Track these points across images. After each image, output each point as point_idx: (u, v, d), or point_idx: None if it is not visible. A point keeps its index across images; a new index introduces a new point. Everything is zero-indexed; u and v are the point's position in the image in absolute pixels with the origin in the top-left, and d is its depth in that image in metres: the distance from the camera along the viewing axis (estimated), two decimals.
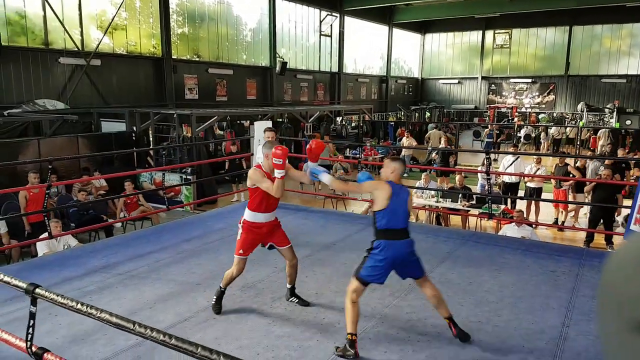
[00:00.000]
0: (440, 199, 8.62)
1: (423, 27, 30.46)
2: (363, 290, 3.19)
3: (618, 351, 0.48)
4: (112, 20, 13.54)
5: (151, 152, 11.55)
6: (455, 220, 8.66)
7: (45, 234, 5.26)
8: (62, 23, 12.34)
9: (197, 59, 17.01)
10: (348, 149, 16.80)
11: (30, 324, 2.08)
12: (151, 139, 12.12)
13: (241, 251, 3.70)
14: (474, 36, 29.30)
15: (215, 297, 3.76)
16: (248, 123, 16.46)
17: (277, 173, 3.56)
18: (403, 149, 15.46)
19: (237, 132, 15.40)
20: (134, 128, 11.80)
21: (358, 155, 16.06)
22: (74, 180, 8.28)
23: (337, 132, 18.90)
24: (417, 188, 8.78)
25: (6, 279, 2.16)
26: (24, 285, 2.04)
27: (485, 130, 20.04)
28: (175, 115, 11.50)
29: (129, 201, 8.45)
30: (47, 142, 9.56)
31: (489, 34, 28.82)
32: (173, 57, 15.45)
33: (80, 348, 3.22)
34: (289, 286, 3.97)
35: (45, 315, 3.52)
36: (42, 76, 12.02)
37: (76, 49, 12.70)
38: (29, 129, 9.98)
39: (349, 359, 3.04)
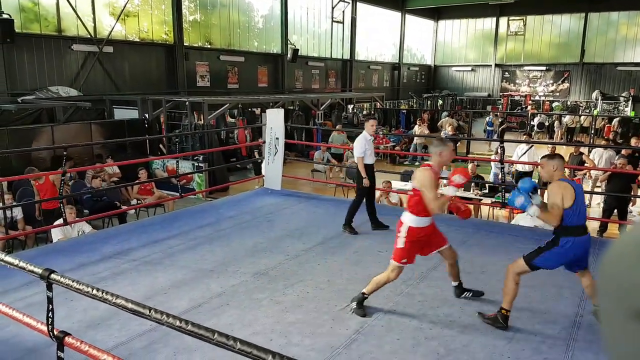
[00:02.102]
0: None
1: (436, 14, 30.04)
2: (527, 273, 3.32)
3: (619, 340, 0.48)
4: (125, 7, 13.54)
5: (164, 139, 11.61)
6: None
7: (60, 220, 5.33)
8: (74, 10, 12.37)
9: (209, 46, 16.98)
10: None
11: (50, 309, 2.11)
12: (163, 126, 12.17)
13: (404, 260, 3.41)
14: (488, 23, 28.82)
15: (356, 302, 3.55)
16: (259, 111, 16.46)
17: (451, 190, 3.33)
18: (415, 137, 15.34)
19: (249, 120, 15.40)
20: (146, 115, 11.86)
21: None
22: (88, 167, 8.36)
23: (348, 120, 18.80)
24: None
25: (22, 264, 2.19)
26: (40, 271, 2.07)
27: (487, 118, 19.81)
28: (187, 103, 11.52)
29: (142, 188, 8.52)
30: (60, 128, 9.66)
31: (503, 20, 28.33)
32: (185, 44, 15.44)
33: (96, 332, 3.27)
34: (455, 284, 3.77)
35: (61, 300, 3.57)
36: (55, 63, 12.10)
37: (89, 36, 12.75)
38: (42, 116, 10.08)
39: (497, 327, 3.23)
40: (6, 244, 6.21)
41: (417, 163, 15.01)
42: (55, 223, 5.50)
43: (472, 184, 8.36)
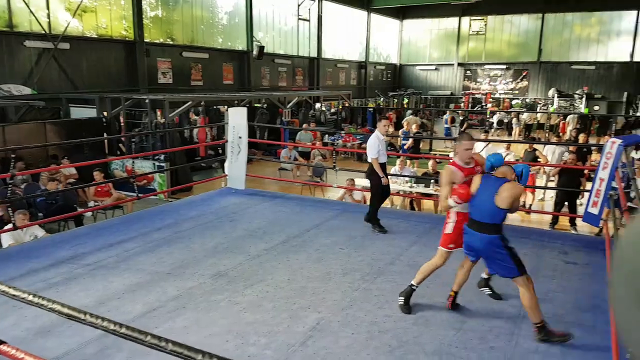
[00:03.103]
0: (414, 184, 8.73)
1: (401, 13, 30.45)
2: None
3: (631, 321, 0.49)
4: (81, 2, 13.11)
5: (123, 139, 11.31)
6: (428, 204, 8.78)
7: (10, 225, 5.12)
8: (27, 4, 11.88)
9: (171, 43, 16.66)
10: (327, 136, 16.78)
11: None
12: (122, 125, 11.86)
13: (452, 245, 3.53)
14: (451, 22, 29.46)
15: (404, 296, 3.59)
16: (225, 108, 16.27)
17: (452, 202, 3.39)
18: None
19: (214, 118, 15.20)
20: (105, 114, 11.52)
21: (335, 142, 16.09)
22: (41, 169, 8.06)
23: (316, 118, 18.83)
24: (392, 175, 8.85)
25: None
26: None
27: (443, 117, 20.27)
28: (147, 101, 11.27)
29: (99, 189, 8.29)
30: (12, 129, 9.27)
31: (465, 20, 29.02)
32: (146, 40, 15.09)
33: (46, 340, 3.18)
34: (486, 276, 3.86)
35: (9, 308, 3.46)
36: (7, 60, 11.59)
37: (43, 32, 12.27)
38: None
39: (557, 340, 3.13)
40: None
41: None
42: (5, 228, 5.28)
43: (432, 180, 8.54)
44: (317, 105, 20.59)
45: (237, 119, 7.47)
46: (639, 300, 0.47)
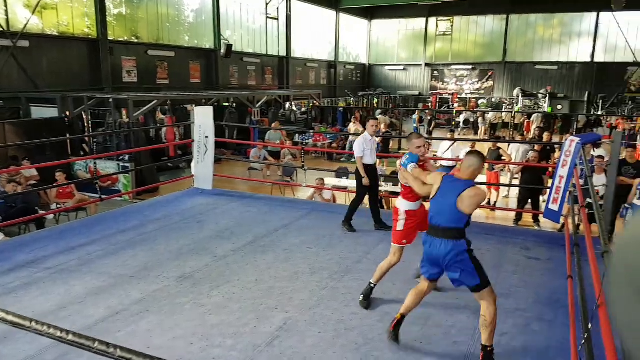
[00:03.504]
0: (382, 183, 8.81)
1: (369, 13, 30.70)
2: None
3: (629, 317, 0.49)
4: None
5: (86, 139, 11.00)
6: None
7: None
8: None
9: (136, 41, 16.29)
10: (297, 135, 16.76)
11: None
12: (86, 124, 11.53)
13: (404, 241, 3.66)
14: (418, 23, 29.90)
15: (363, 294, 3.66)
16: (192, 107, 16.02)
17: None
18: (350, 135, 15.60)
19: (181, 117, 14.94)
20: (67, 113, 11.17)
21: (306, 141, 16.09)
22: (0, 171, 7.76)
23: (286, 117, 18.78)
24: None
25: None
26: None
27: (412, 116, 20.62)
28: (110, 100, 10.99)
29: (61, 191, 8.03)
30: None
31: (432, 21, 29.51)
32: (109, 38, 14.70)
33: (4, 347, 3.06)
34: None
35: None
36: None
37: (0, 29, 11.79)
38: None
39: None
40: None
41: (352, 160, 15.29)
42: None
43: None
44: (287, 105, 20.54)
45: (203, 118, 7.37)
46: (637, 296, 0.48)
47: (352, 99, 27.81)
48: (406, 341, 3.16)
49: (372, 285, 3.70)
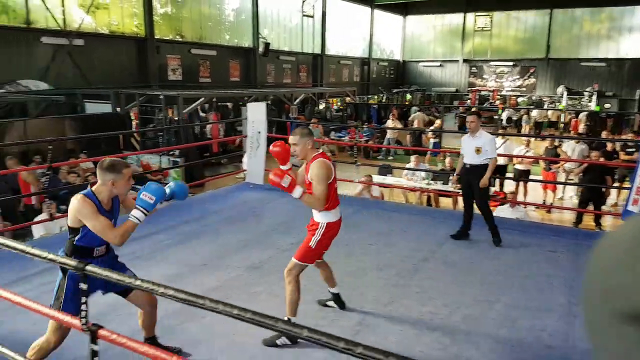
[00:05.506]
0: (431, 181, 8.74)
1: (404, 9, 30.36)
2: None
3: (604, 341, 0.46)
4: None
5: (136, 134, 11.35)
6: (446, 202, 8.79)
7: (43, 216, 5.16)
8: (43, 1, 11.89)
9: (180, 39, 16.65)
10: (333, 132, 16.80)
11: (83, 301, 2.08)
12: (135, 121, 11.89)
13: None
14: (455, 18, 29.36)
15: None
16: (231, 105, 16.29)
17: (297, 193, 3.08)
18: (388, 132, 15.53)
19: (222, 115, 15.22)
20: (118, 109, 11.55)
21: (344, 138, 16.10)
22: (67, 162, 8.14)
23: (321, 114, 18.85)
24: (409, 169, 8.90)
25: (51, 256, 2.16)
26: (74, 263, 2.05)
27: (452, 113, 20.23)
28: (161, 97, 11.29)
29: None
30: (33, 123, 9.32)
31: (470, 16, 28.92)
32: (156, 37, 15.09)
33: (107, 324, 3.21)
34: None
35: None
36: (25, 56, 11.62)
37: (58, 29, 12.28)
38: (14, 110, 9.69)
39: None
40: None
41: (390, 157, 15.22)
42: (39, 218, 5.31)
43: (450, 177, 8.55)
44: (322, 101, 20.59)
45: (256, 114, 7.49)
46: (613, 318, 0.44)
47: (384, 96, 27.60)
48: (495, 344, 3.12)
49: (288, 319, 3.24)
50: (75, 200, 2.55)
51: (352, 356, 1.41)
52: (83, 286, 2.07)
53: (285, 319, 3.08)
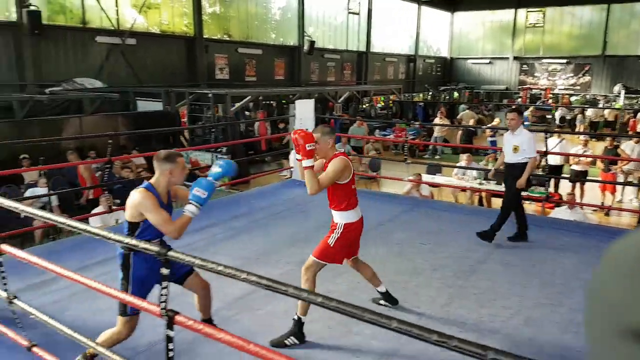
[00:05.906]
0: (484, 181, 8.46)
1: (452, 5, 29.72)
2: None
3: (604, 356, 0.45)
4: None
5: (184, 131, 11.64)
6: (498, 202, 8.47)
7: (100, 208, 5.34)
8: (98, 1, 12.40)
9: (228, 39, 16.96)
10: (377, 130, 16.63)
11: (164, 286, 2.12)
12: (183, 119, 12.20)
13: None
14: (506, 14, 28.44)
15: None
16: (275, 104, 16.45)
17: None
18: (435, 130, 15.22)
19: (267, 113, 15.40)
20: (168, 107, 11.89)
21: (389, 136, 15.91)
22: (123, 157, 8.46)
23: (366, 112, 18.72)
24: (460, 167, 8.66)
25: (133, 242, 2.21)
26: (157, 249, 2.08)
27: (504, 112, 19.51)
28: (210, 95, 11.52)
29: None
30: (88, 119, 9.73)
31: (522, 12, 27.93)
32: (204, 36, 15.43)
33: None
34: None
35: None
36: (81, 55, 12.17)
37: (112, 28, 12.78)
38: (70, 107, 10.16)
39: None
40: (44, 232, 6.26)
41: (437, 156, 14.90)
42: (96, 210, 5.51)
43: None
44: (366, 99, 20.42)
45: (304, 112, 7.48)
46: (616, 335, 0.42)
47: (430, 93, 27.08)
48: (559, 349, 2.96)
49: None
50: (137, 193, 2.57)
51: (446, 349, 1.41)
52: (164, 271, 2.10)
53: (295, 317, 3.03)
